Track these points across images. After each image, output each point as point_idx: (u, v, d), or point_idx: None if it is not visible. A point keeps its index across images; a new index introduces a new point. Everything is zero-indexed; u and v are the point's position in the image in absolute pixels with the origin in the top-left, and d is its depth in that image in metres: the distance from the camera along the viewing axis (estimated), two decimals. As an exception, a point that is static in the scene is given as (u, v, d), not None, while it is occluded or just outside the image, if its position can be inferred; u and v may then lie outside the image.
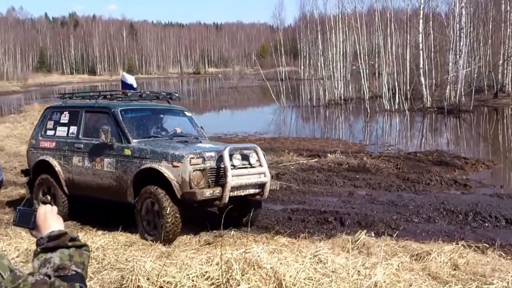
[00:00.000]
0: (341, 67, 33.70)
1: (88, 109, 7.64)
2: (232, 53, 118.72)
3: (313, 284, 3.85)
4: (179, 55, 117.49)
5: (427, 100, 25.94)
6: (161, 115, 7.97)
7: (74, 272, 1.40)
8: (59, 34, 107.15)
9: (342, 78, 32.93)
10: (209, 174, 6.35)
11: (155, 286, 3.80)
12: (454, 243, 5.37)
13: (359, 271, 4.12)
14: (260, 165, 6.74)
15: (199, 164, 6.27)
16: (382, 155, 12.74)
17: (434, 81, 27.71)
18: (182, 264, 4.12)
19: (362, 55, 31.33)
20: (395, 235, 6.04)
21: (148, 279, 3.85)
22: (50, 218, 1.49)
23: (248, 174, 6.62)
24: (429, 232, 6.73)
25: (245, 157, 6.69)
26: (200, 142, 7.28)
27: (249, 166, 6.69)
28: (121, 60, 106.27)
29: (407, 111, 25.43)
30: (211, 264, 4.08)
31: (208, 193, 6.20)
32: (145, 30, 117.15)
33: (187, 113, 8.15)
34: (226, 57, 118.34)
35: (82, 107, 7.78)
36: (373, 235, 6.14)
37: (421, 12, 26.74)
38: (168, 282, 3.82)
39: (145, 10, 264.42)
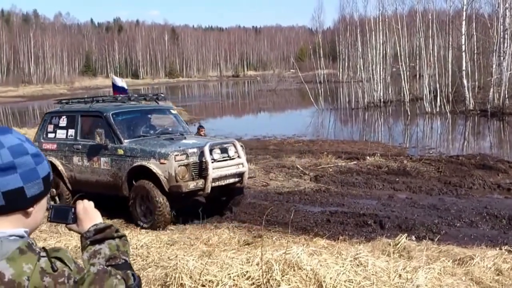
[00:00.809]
0: (381, 69, 33.28)
1: (83, 113, 8.35)
2: (271, 56, 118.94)
3: (353, 287, 3.86)
4: (219, 58, 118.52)
5: (470, 103, 25.33)
6: (149, 115, 8.71)
7: (123, 261, 1.48)
8: (104, 39, 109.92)
9: (381, 80, 32.51)
10: (192, 168, 7.13)
11: (198, 284, 3.88)
12: (497, 248, 5.27)
13: (400, 275, 4.10)
14: (239, 156, 7.49)
15: (183, 160, 7.05)
16: (423, 158, 12.53)
17: (477, 83, 27.03)
18: (223, 263, 4.19)
19: (402, 57, 30.86)
20: (436, 239, 5.94)
21: (190, 277, 3.94)
22: (90, 212, 1.57)
23: (228, 166, 7.35)
24: (472, 237, 6.60)
25: (224, 151, 7.43)
26: (185, 138, 8.00)
27: (228, 158, 7.41)
28: (162, 64, 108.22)
29: (448, 114, 24.88)
30: (251, 264, 4.13)
31: (192, 185, 6.99)
32: (186, 34, 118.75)
33: (173, 111, 8.96)
34: (265, 60, 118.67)
35: (78, 112, 8.46)
36: (414, 239, 6.08)
37: (464, 13, 26.13)
38: (210, 281, 3.90)
39: (186, 15, 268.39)
